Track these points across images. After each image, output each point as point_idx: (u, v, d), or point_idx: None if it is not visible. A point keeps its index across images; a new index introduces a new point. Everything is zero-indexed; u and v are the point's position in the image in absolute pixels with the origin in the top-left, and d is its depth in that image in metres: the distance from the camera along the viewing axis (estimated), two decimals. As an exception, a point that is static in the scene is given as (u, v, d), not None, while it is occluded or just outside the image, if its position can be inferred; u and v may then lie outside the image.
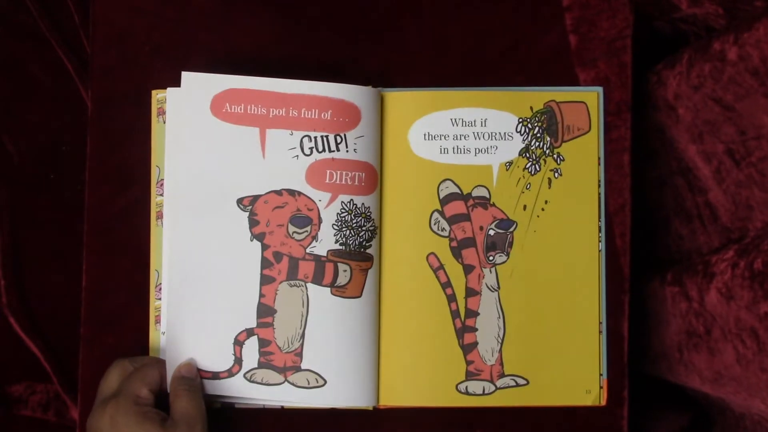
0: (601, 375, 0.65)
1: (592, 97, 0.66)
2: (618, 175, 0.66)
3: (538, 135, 0.65)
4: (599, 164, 0.66)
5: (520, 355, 0.65)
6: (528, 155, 0.65)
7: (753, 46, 0.59)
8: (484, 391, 0.65)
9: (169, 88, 0.64)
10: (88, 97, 0.70)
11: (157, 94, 0.65)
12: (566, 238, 0.65)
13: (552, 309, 0.65)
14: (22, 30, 0.81)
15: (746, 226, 0.66)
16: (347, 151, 0.63)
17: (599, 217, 0.66)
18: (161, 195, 0.65)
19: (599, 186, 0.66)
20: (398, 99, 0.65)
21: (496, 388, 0.65)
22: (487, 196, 0.65)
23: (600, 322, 0.65)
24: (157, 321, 0.64)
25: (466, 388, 0.65)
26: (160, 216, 0.65)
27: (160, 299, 0.65)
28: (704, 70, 0.63)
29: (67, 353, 0.80)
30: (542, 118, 0.65)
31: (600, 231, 0.66)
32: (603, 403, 0.65)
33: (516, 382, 0.65)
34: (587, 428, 0.66)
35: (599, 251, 0.66)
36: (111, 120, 0.66)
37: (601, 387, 0.65)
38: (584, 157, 0.66)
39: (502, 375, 0.65)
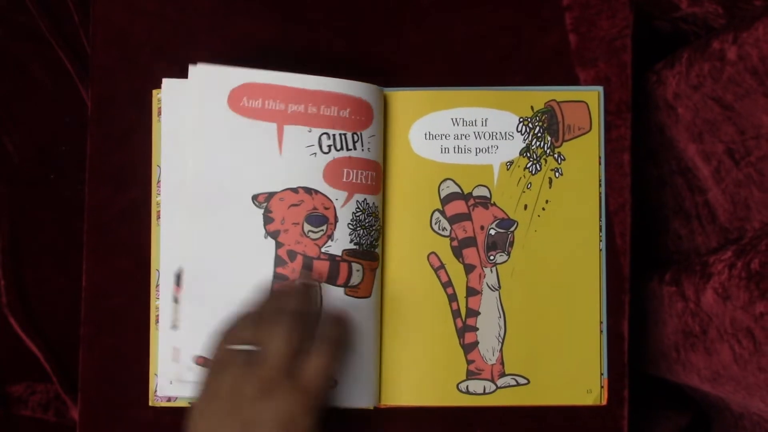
0: (601, 375, 0.65)
1: (592, 96, 0.66)
2: (618, 175, 0.66)
3: (539, 134, 0.65)
4: (600, 164, 0.66)
5: (520, 355, 0.65)
6: (529, 155, 0.65)
7: (752, 45, 0.59)
8: (485, 390, 0.65)
9: (167, 79, 0.63)
10: (88, 97, 0.70)
11: (157, 94, 0.65)
12: (567, 237, 0.65)
13: (553, 308, 0.65)
14: (22, 30, 0.81)
15: (744, 227, 0.66)
16: (362, 150, 0.62)
17: (600, 216, 0.66)
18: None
19: (600, 185, 0.66)
20: (399, 98, 0.65)
21: (497, 388, 0.65)
22: (488, 195, 0.65)
23: (600, 322, 0.65)
24: (158, 321, 0.64)
25: (467, 387, 0.65)
26: (160, 216, 0.65)
27: (160, 298, 0.64)
28: (704, 70, 0.63)
29: (67, 353, 0.80)
30: (543, 117, 0.65)
31: (600, 230, 0.66)
32: (603, 402, 0.65)
33: (517, 381, 0.65)
34: (587, 428, 0.66)
35: (600, 250, 0.66)
36: (111, 120, 0.66)
37: (601, 387, 0.65)
38: (585, 157, 0.66)
39: (502, 374, 0.65)
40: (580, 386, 0.65)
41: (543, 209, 0.65)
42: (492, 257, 0.65)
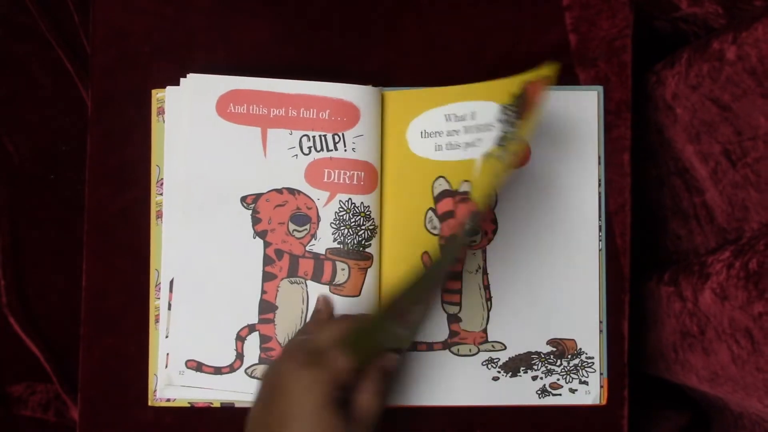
0: (601, 374, 0.65)
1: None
2: (618, 175, 0.66)
3: (512, 120, 0.64)
4: (599, 163, 0.66)
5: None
6: (501, 142, 0.64)
7: (751, 45, 0.59)
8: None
9: (168, 87, 0.64)
10: (88, 97, 0.70)
11: (157, 94, 0.65)
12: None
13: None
14: (22, 30, 0.81)
15: (742, 227, 0.66)
16: (345, 150, 0.63)
17: (599, 216, 0.66)
18: (161, 194, 0.65)
19: (599, 185, 0.66)
20: (396, 98, 0.65)
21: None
22: (470, 190, 0.65)
23: (600, 321, 0.65)
24: (157, 320, 0.64)
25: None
26: (160, 215, 0.65)
27: (160, 299, 0.64)
28: (703, 70, 0.63)
29: (67, 353, 0.80)
30: (517, 102, 0.64)
31: (600, 230, 0.66)
32: (603, 402, 0.65)
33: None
34: (587, 428, 0.66)
35: (600, 250, 0.66)
36: (111, 120, 0.66)
37: (601, 386, 0.65)
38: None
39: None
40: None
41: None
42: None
